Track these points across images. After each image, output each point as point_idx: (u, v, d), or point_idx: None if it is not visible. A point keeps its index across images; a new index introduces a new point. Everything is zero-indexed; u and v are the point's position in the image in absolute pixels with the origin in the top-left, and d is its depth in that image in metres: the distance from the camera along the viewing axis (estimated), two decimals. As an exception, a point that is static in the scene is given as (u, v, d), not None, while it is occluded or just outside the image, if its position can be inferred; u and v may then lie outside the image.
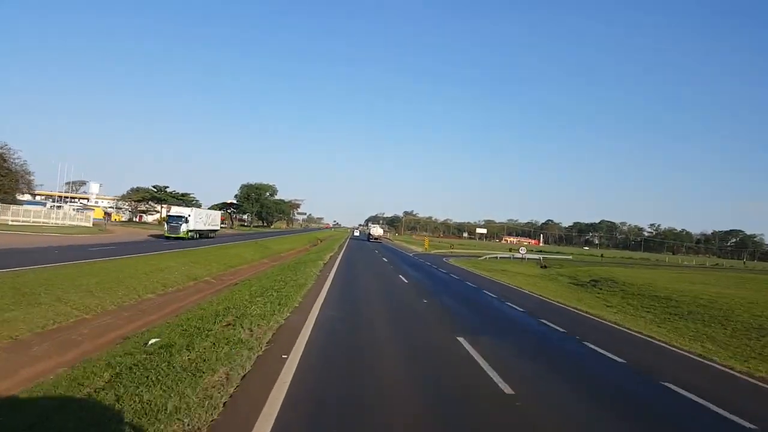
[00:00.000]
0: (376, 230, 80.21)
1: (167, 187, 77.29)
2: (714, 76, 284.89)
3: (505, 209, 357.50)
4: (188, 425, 4.17)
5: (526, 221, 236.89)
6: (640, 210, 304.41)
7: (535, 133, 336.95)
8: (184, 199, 77.61)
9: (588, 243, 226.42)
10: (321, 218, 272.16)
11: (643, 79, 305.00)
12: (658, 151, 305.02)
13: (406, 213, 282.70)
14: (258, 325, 8.42)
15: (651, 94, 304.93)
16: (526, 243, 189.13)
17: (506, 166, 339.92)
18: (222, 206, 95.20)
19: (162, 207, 75.04)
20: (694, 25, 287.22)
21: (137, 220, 79.88)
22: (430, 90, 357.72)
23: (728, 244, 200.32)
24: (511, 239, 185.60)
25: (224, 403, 4.83)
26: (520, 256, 54.19)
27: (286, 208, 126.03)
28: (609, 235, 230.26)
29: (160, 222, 66.66)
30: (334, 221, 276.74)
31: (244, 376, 5.81)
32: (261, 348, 7.09)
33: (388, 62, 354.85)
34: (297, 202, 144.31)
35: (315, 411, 4.93)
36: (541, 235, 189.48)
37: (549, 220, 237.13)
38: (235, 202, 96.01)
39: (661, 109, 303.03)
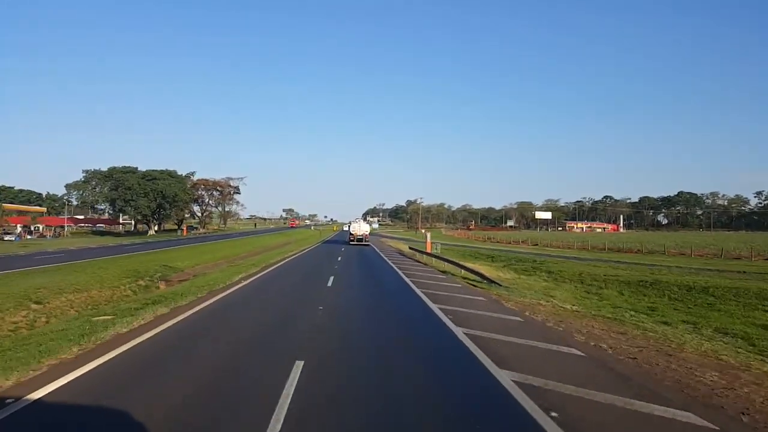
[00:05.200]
0: (359, 227, 44.97)
1: None
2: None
3: (536, 189, 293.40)
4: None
5: (574, 201, 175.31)
6: (709, 176, 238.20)
7: (575, 97, 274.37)
8: None
9: (656, 224, 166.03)
10: (314, 215, 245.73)
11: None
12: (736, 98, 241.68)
13: (409, 202, 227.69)
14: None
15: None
16: (600, 229, 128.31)
17: (537, 137, 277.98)
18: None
19: None
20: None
21: None
22: (433, 65, 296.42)
23: None
24: (580, 225, 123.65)
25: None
26: None
27: (181, 192, 62.88)
28: (690, 210, 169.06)
29: None
30: (325, 216, 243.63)
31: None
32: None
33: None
34: (222, 181, 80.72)
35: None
36: (621, 217, 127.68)
37: (607, 197, 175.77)
38: None
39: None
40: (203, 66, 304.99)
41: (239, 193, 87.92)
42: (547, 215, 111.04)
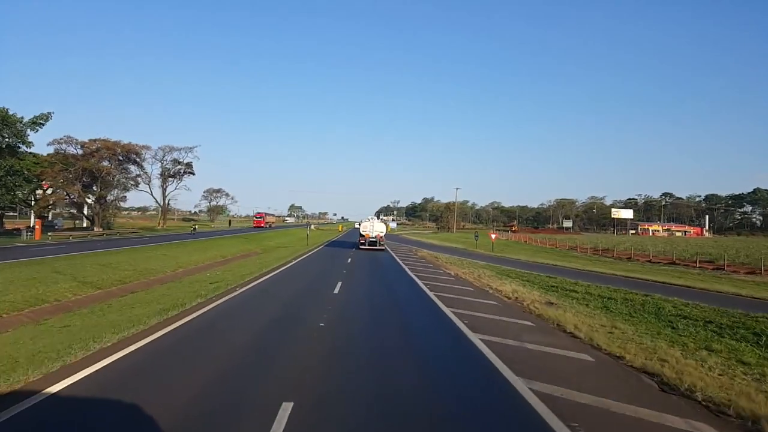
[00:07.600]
0: (371, 227, 35.27)
1: None
2: None
3: (568, 185, 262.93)
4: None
5: (625, 198, 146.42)
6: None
7: (602, 93, 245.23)
8: None
9: (722, 226, 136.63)
10: (324, 213, 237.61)
11: None
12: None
13: (426, 200, 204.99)
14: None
15: None
16: (679, 233, 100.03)
17: (569, 133, 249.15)
18: None
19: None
20: None
21: None
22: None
23: None
24: (654, 227, 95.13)
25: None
26: None
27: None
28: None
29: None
30: (335, 214, 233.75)
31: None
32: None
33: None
34: (136, 146, 47.76)
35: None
36: (707, 217, 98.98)
37: (666, 194, 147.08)
38: None
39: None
40: (203, 67, 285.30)
41: (192, 173, 61.59)
42: (628, 214, 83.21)
